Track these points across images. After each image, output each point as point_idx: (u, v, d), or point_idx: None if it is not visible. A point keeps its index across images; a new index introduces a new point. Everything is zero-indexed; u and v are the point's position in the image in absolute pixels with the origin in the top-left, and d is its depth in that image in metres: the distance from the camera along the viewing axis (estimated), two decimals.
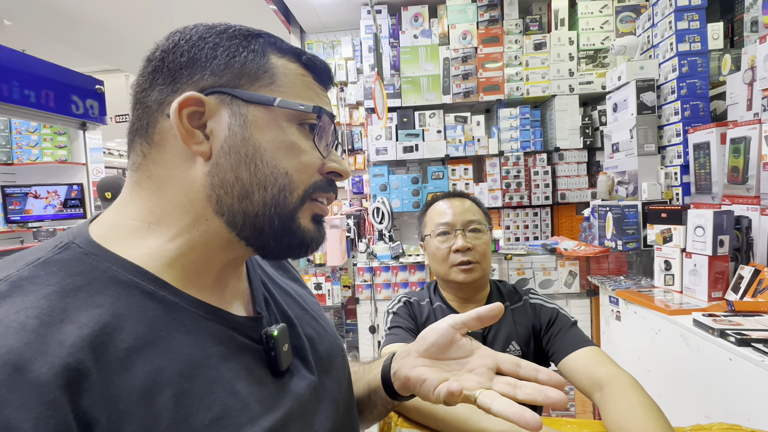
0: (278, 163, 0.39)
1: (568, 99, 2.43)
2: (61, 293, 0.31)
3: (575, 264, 2.06)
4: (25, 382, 0.26)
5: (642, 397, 0.67)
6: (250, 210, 0.39)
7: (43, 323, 0.29)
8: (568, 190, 2.47)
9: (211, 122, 0.38)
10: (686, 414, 1.23)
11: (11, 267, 0.32)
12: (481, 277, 0.96)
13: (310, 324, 0.51)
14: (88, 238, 0.36)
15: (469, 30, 2.47)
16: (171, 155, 0.38)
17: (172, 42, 0.39)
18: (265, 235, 0.40)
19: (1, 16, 3.47)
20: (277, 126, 0.40)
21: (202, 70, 0.38)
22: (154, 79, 0.39)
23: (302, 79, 0.42)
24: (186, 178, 0.38)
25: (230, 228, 0.40)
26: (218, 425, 0.34)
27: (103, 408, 0.28)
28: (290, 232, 0.41)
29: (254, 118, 0.39)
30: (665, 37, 1.82)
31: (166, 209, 0.38)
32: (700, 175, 1.63)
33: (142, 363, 0.31)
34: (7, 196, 2.96)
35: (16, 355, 0.26)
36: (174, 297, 0.36)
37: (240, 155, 0.38)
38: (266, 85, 0.40)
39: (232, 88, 0.39)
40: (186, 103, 0.37)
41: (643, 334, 1.47)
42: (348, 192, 3.16)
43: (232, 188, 0.38)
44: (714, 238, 1.33)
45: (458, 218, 0.97)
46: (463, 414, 0.67)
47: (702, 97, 1.74)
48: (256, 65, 0.40)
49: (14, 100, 2.23)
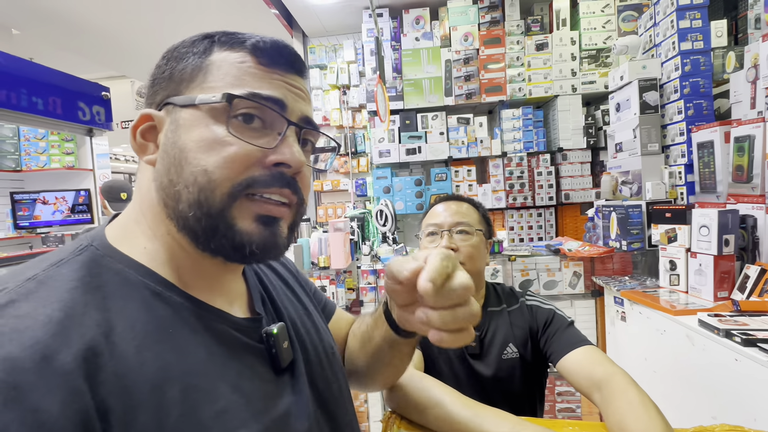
0: (199, 161, 0.38)
1: (571, 99, 2.43)
2: (84, 289, 0.34)
3: (579, 265, 2.05)
4: (52, 370, 0.28)
5: (641, 396, 0.68)
6: (185, 212, 0.38)
7: (68, 316, 0.31)
8: (572, 191, 2.46)
9: (160, 134, 0.41)
10: (692, 415, 1.22)
11: (37, 267, 0.35)
12: None
13: (302, 320, 0.52)
14: (104, 240, 0.39)
15: (471, 32, 2.47)
16: (142, 164, 0.43)
17: (156, 64, 0.43)
18: (199, 237, 0.39)
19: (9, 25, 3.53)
20: (203, 124, 0.39)
21: (160, 86, 0.42)
22: (147, 97, 0.43)
23: (238, 67, 0.40)
24: (148, 184, 0.42)
25: (184, 233, 0.40)
26: (224, 418, 0.35)
27: (118, 398, 0.31)
28: (220, 233, 0.39)
29: (183, 120, 0.39)
30: (667, 36, 1.81)
31: (144, 213, 0.42)
32: (704, 174, 1.61)
33: (152, 359, 0.34)
34: (16, 203, 3.00)
35: (44, 345, 0.29)
36: (179, 298, 0.39)
37: (170, 158, 0.39)
38: (198, 84, 0.40)
39: (173, 96, 0.41)
40: (140, 122, 0.41)
41: (649, 335, 1.46)
42: (352, 194, 3.17)
43: (167, 191, 0.40)
44: (719, 238, 1.33)
45: (447, 220, 0.98)
46: (464, 416, 0.67)
47: (705, 95, 1.73)
48: (193, 67, 0.40)
49: (22, 108, 2.27)
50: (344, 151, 3.16)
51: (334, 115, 3.10)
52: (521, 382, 0.93)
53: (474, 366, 0.93)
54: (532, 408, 0.96)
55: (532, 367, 0.95)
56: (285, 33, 3.06)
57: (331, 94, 3.09)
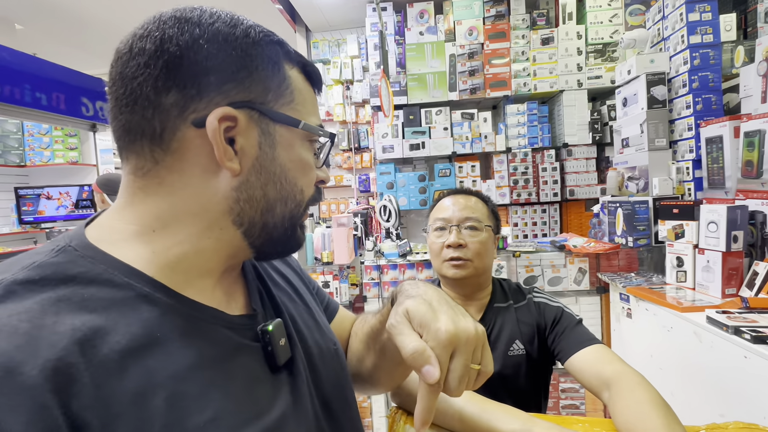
0: (297, 180, 0.42)
1: (577, 94, 2.40)
2: (55, 297, 0.31)
3: (585, 261, 2.03)
4: (15, 385, 0.26)
5: (651, 394, 0.66)
6: (270, 222, 0.41)
7: (35, 326, 0.28)
8: (577, 187, 2.44)
9: (240, 138, 0.38)
10: (700, 413, 1.21)
11: (7, 270, 0.32)
12: (473, 275, 0.95)
13: (302, 316, 0.51)
14: (84, 240, 0.36)
15: (476, 26, 2.45)
16: (190, 165, 0.37)
17: (189, 36, 0.36)
18: (275, 243, 0.43)
19: (13, 20, 3.53)
20: (297, 145, 0.42)
21: (231, 81, 0.37)
22: (168, 76, 0.35)
23: (309, 94, 0.44)
24: (204, 189, 0.38)
25: (245, 237, 0.41)
26: (213, 426, 0.33)
27: (94, 411, 0.28)
28: (294, 239, 0.45)
29: (281, 138, 0.40)
30: (676, 29, 1.79)
31: (176, 216, 0.38)
32: (712, 169, 1.59)
33: (135, 365, 0.31)
34: (21, 198, 3.01)
35: (7, 358, 0.26)
36: (170, 299, 0.36)
37: (269, 174, 0.40)
38: (288, 102, 0.41)
39: (260, 104, 0.39)
40: (223, 118, 0.36)
41: (655, 332, 1.45)
42: (355, 190, 3.16)
43: (258, 204, 0.40)
44: (728, 234, 1.31)
45: (456, 214, 0.97)
46: (472, 413, 0.66)
47: (714, 90, 1.70)
48: (277, 79, 0.40)
49: (26, 103, 2.27)
50: (347, 147, 3.15)
51: (337, 110, 3.09)
52: (527, 378, 0.92)
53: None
54: (537, 405, 0.95)
55: (538, 364, 0.94)
56: (288, 28, 3.04)
57: (335, 89, 3.08)
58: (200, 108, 0.36)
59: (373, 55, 2.61)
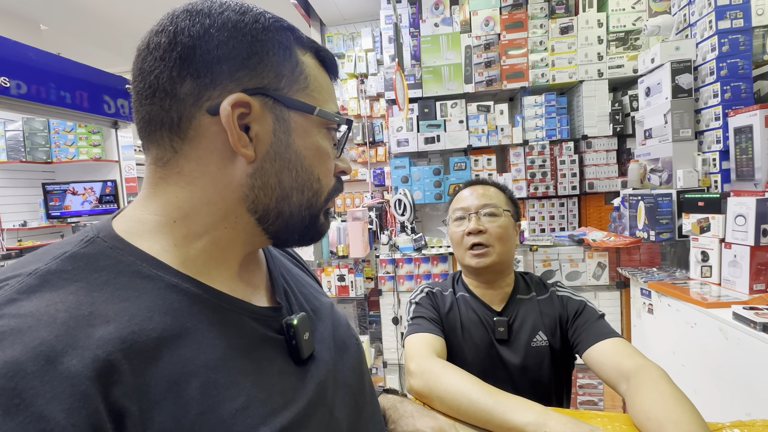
0: (314, 169, 0.42)
1: (597, 84, 2.33)
2: (88, 288, 0.32)
3: (604, 255, 1.99)
4: (56, 374, 0.26)
5: (673, 388, 0.65)
6: (285, 210, 0.41)
7: (72, 316, 0.29)
8: (597, 179, 2.38)
9: (255, 125, 0.38)
10: (724, 411, 1.18)
11: (39, 260, 0.33)
12: (497, 262, 0.94)
13: (327, 312, 0.52)
14: (111, 232, 0.36)
15: (492, 16, 2.40)
16: (206, 152, 0.38)
17: (200, 26, 0.37)
18: (292, 231, 0.43)
19: (38, 21, 3.64)
20: (313, 132, 0.42)
21: (243, 68, 0.37)
22: (183, 67, 0.36)
23: (326, 81, 0.44)
24: (221, 176, 0.38)
25: (260, 224, 0.41)
26: (244, 415, 0.34)
27: (133, 398, 0.29)
28: (314, 228, 0.45)
29: (296, 124, 0.40)
30: (703, 14, 1.71)
31: (195, 205, 0.38)
32: (741, 160, 1.53)
33: (169, 354, 0.32)
34: (48, 193, 3.13)
35: (48, 347, 0.27)
36: (197, 289, 0.37)
37: (284, 161, 0.40)
38: (302, 89, 0.41)
39: (274, 90, 0.39)
40: (236, 104, 0.36)
41: (678, 328, 1.41)
42: (370, 184, 3.16)
43: (273, 191, 0.40)
44: (757, 228, 1.26)
45: (474, 202, 0.98)
46: (486, 404, 0.66)
47: (744, 77, 1.63)
48: (290, 64, 0.40)
49: (52, 102, 2.34)
50: (362, 141, 3.15)
51: (351, 104, 3.09)
52: (549, 371, 0.91)
53: (501, 353, 0.92)
54: (558, 398, 0.94)
55: (560, 357, 0.93)
56: (303, 22, 3.05)
57: (349, 84, 3.08)
58: (214, 96, 0.37)
59: (387, 48, 2.59)
